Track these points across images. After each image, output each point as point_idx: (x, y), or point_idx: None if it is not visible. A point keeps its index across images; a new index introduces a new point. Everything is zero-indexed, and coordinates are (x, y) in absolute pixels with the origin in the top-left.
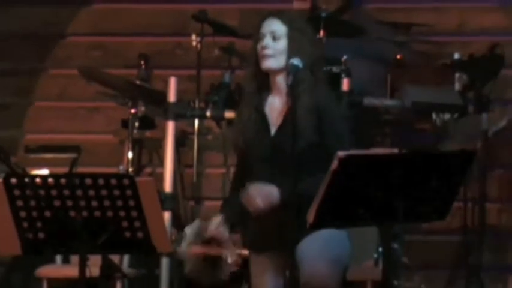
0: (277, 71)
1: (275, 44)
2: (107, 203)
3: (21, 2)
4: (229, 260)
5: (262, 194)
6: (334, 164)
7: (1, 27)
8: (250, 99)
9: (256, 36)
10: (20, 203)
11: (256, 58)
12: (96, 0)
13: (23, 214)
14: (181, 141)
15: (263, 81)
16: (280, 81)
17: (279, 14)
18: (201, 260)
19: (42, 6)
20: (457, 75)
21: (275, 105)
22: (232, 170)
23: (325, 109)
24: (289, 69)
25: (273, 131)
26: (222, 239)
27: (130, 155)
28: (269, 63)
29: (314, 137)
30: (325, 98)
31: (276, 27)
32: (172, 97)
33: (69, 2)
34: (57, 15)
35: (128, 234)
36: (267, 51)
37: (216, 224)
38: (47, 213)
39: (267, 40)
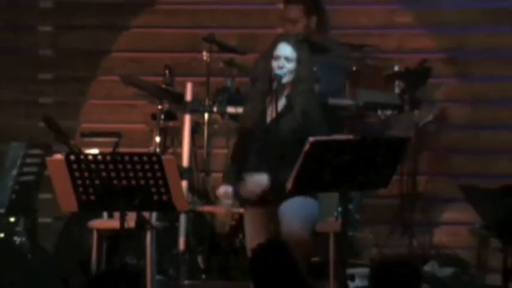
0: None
1: (288, 64)
2: (140, 174)
3: (79, 27)
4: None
5: (256, 184)
6: (307, 147)
7: (65, 45)
8: (259, 96)
9: (270, 53)
10: (77, 174)
11: (270, 72)
12: (132, 26)
13: (79, 182)
14: (195, 129)
15: (270, 86)
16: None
17: (289, 40)
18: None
19: (94, 30)
20: (396, 82)
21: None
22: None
23: (311, 108)
24: (274, 78)
25: (268, 119)
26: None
27: (157, 139)
28: (278, 77)
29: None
30: (312, 100)
31: (288, 52)
32: (188, 97)
33: (113, 28)
34: (105, 37)
35: (155, 197)
36: (281, 72)
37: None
38: (97, 182)
39: (283, 62)
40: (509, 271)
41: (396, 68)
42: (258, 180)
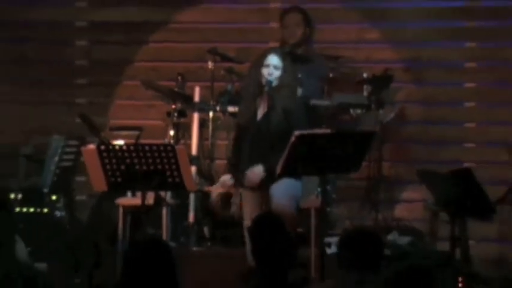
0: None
1: (276, 71)
2: (157, 160)
3: (108, 42)
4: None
5: (255, 175)
6: (293, 139)
7: (97, 57)
8: (250, 98)
9: (260, 62)
10: (106, 160)
11: (260, 77)
12: (151, 41)
13: (108, 167)
14: (202, 124)
15: (260, 89)
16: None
17: (277, 52)
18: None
19: (120, 44)
20: (365, 86)
21: (262, 103)
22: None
23: (294, 107)
24: (265, 83)
25: (259, 117)
26: (229, 186)
27: (171, 133)
28: (269, 82)
29: (283, 121)
30: (296, 100)
31: (276, 61)
32: (196, 98)
33: (136, 42)
34: (129, 49)
35: (170, 179)
36: (271, 77)
37: (227, 179)
38: (122, 167)
39: (271, 69)
40: (455, 239)
41: (365, 75)
42: (256, 172)
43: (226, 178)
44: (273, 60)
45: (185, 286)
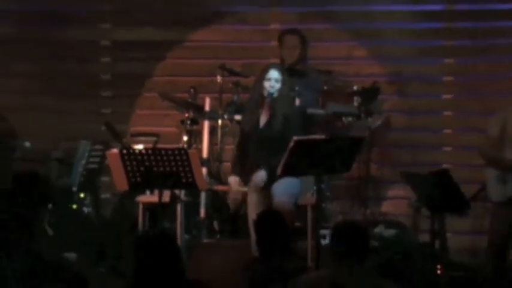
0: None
1: (276, 84)
2: (172, 163)
3: (129, 59)
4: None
5: (259, 179)
6: (291, 144)
7: (119, 72)
8: (254, 108)
9: (263, 76)
10: (127, 163)
11: (262, 89)
12: (168, 58)
13: (129, 169)
14: (212, 131)
15: (262, 100)
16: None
17: (277, 67)
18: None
19: (140, 60)
20: (355, 98)
21: (264, 112)
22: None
23: (291, 115)
24: (268, 95)
25: (261, 124)
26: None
27: (185, 138)
28: (270, 93)
29: (283, 128)
30: (293, 109)
31: (277, 75)
32: (207, 108)
33: (154, 59)
34: (148, 65)
35: (183, 179)
36: (273, 89)
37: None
38: (141, 168)
39: (273, 82)
40: (434, 231)
41: (355, 88)
42: (260, 176)
43: (234, 179)
44: (274, 74)
45: (197, 273)
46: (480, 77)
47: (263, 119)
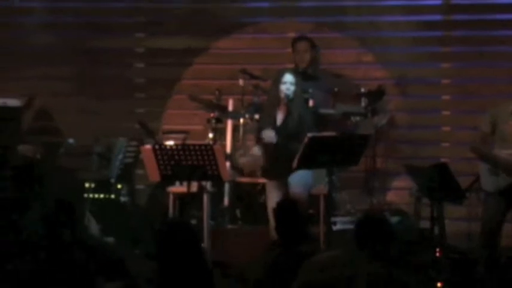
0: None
1: (291, 87)
2: (199, 157)
3: (161, 64)
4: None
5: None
6: (306, 140)
7: (152, 76)
8: (271, 108)
9: (279, 79)
10: (159, 157)
11: (278, 91)
12: (195, 63)
13: (161, 162)
14: (234, 129)
15: (279, 101)
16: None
17: (291, 71)
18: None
19: (170, 66)
20: (363, 99)
21: (280, 112)
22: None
23: (305, 115)
24: (284, 96)
25: (278, 122)
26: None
27: (210, 135)
28: (287, 95)
29: (298, 126)
30: (306, 108)
31: (291, 79)
32: (230, 108)
33: (183, 64)
34: (178, 70)
35: (209, 172)
36: (289, 91)
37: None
38: (172, 162)
39: (288, 85)
40: (434, 218)
41: (362, 90)
42: (269, 135)
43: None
44: (289, 78)
45: (221, 256)
46: (474, 80)
47: (280, 118)
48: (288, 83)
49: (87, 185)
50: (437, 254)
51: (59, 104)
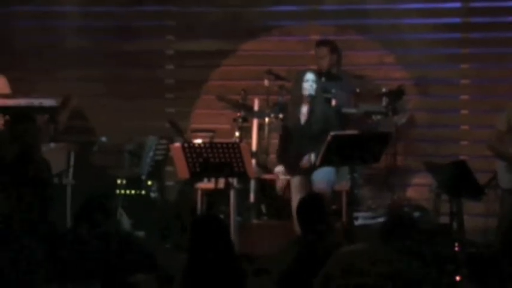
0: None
1: (314, 84)
2: (226, 155)
3: (189, 66)
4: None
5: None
6: (329, 138)
7: (181, 77)
8: (294, 107)
9: (301, 78)
10: (188, 155)
11: (301, 90)
12: (223, 65)
13: (189, 160)
14: (260, 127)
15: (301, 99)
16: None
17: (311, 70)
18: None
19: (198, 67)
20: (383, 98)
21: (304, 110)
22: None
23: (329, 113)
24: (308, 95)
25: (302, 121)
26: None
27: (237, 134)
28: (310, 94)
29: (321, 124)
30: (329, 107)
31: (313, 77)
32: (256, 108)
33: (211, 66)
34: (205, 71)
35: (236, 169)
36: (311, 90)
37: (279, 169)
38: (200, 159)
39: (311, 82)
40: (453, 214)
41: (383, 90)
42: (306, 160)
43: (279, 169)
44: (310, 76)
45: (247, 250)
46: (492, 81)
47: (303, 116)
48: (310, 80)
49: (119, 181)
50: (456, 248)
51: (92, 104)
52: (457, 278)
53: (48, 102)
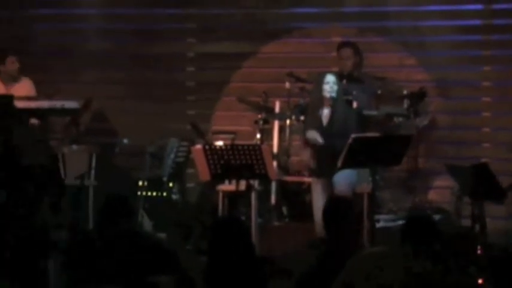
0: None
1: (335, 86)
2: (247, 157)
3: (210, 68)
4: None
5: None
6: (350, 140)
7: (202, 79)
8: (316, 109)
9: (322, 80)
10: (209, 157)
11: (322, 92)
12: (243, 67)
13: (210, 162)
14: (281, 129)
15: (322, 102)
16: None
17: (334, 73)
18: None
19: (219, 69)
20: (405, 100)
21: (326, 112)
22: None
23: (350, 115)
24: (330, 97)
25: (324, 123)
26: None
27: (258, 136)
28: (331, 96)
29: (343, 126)
30: (349, 109)
31: (334, 79)
32: (277, 110)
33: (231, 68)
34: (226, 73)
35: (257, 171)
36: (332, 92)
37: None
38: (221, 161)
39: (331, 84)
40: (474, 217)
41: (405, 92)
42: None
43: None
44: (331, 78)
45: (268, 251)
46: None
47: (325, 118)
48: (330, 82)
49: (140, 183)
50: (479, 252)
51: (114, 106)
52: (480, 281)
53: (70, 104)
